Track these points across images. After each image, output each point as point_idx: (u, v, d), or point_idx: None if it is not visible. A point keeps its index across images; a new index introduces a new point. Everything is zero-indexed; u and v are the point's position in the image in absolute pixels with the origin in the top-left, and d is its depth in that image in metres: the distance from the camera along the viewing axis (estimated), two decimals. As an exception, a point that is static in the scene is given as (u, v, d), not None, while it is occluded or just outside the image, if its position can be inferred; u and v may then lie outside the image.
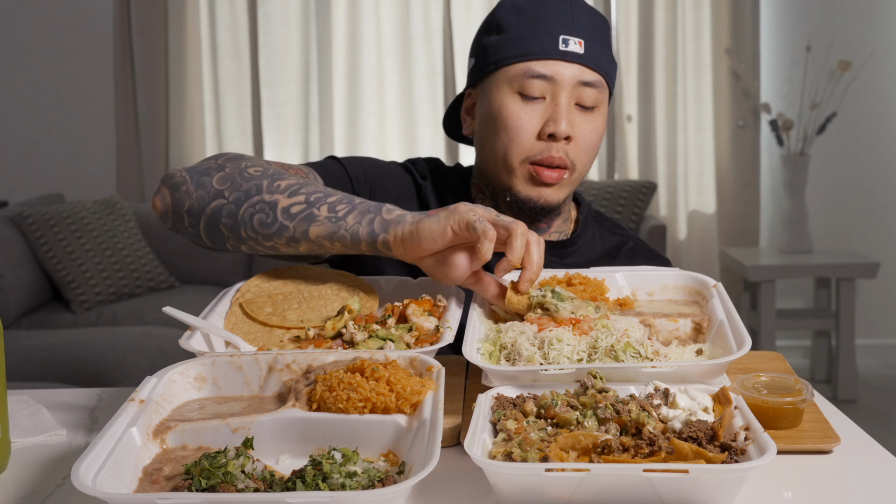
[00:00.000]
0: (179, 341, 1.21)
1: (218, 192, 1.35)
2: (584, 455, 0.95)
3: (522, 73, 1.49)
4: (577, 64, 1.49)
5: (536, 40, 1.49)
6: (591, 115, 1.51)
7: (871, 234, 4.85)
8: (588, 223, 1.66)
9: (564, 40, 1.48)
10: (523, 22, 1.51)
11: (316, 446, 1.03)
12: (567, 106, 1.49)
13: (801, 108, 4.63)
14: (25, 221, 4.18)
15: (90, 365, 3.47)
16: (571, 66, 1.49)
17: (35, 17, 4.86)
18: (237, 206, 1.34)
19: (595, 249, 1.64)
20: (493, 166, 1.55)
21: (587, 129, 1.51)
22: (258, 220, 1.33)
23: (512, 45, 1.50)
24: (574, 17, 1.50)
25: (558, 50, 1.48)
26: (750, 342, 1.13)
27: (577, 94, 1.50)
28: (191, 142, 4.90)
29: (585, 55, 1.49)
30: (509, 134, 1.50)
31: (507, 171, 1.52)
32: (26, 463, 1.14)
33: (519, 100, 1.50)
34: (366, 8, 4.79)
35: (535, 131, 1.49)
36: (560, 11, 1.50)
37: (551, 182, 1.50)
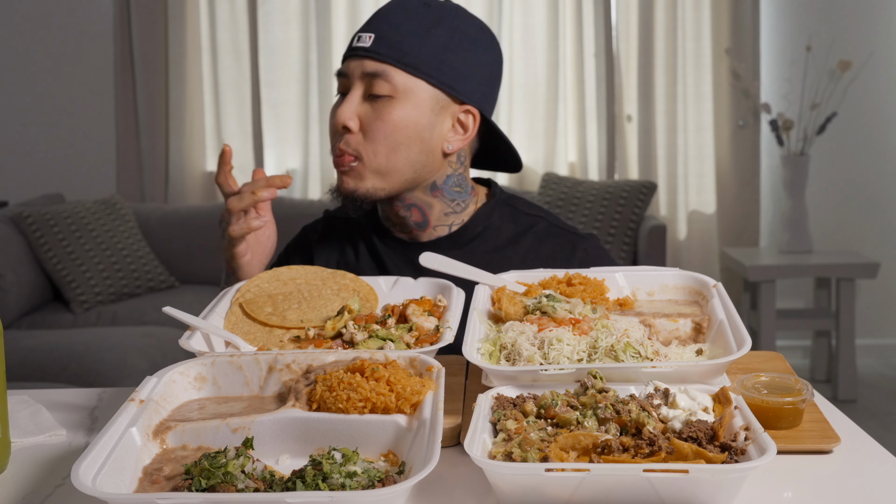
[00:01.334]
0: (179, 341, 1.21)
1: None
2: (584, 455, 0.95)
3: (336, 74, 1.59)
4: (361, 58, 1.54)
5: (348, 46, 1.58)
6: (381, 104, 1.53)
7: (871, 234, 4.85)
8: (496, 208, 1.65)
9: (358, 37, 1.55)
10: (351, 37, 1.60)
11: (316, 446, 1.03)
12: (355, 98, 1.54)
13: (801, 108, 4.63)
14: (25, 221, 4.18)
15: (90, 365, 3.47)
16: (356, 61, 1.54)
17: (35, 17, 4.86)
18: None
19: (503, 234, 1.63)
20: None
21: (375, 118, 1.53)
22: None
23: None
24: (375, 16, 1.57)
25: (351, 47, 1.56)
26: (750, 342, 1.13)
27: (368, 86, 1.54)
28: (191, 142, 4.90)
29: (370, 48, 1.53)
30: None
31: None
32: (26, 463, 1.14)
33: (337, 100, 1.59)
34: (366, 8, 4.79)
35: (334, 124, 1.57)
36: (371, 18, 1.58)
37: (341, 167, 1.56)
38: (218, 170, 1.60)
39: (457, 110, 1.57)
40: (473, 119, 1.58)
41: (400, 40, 1.53)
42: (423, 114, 1.53)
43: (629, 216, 4.39)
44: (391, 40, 1.53)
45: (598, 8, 4.76)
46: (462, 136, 1.58)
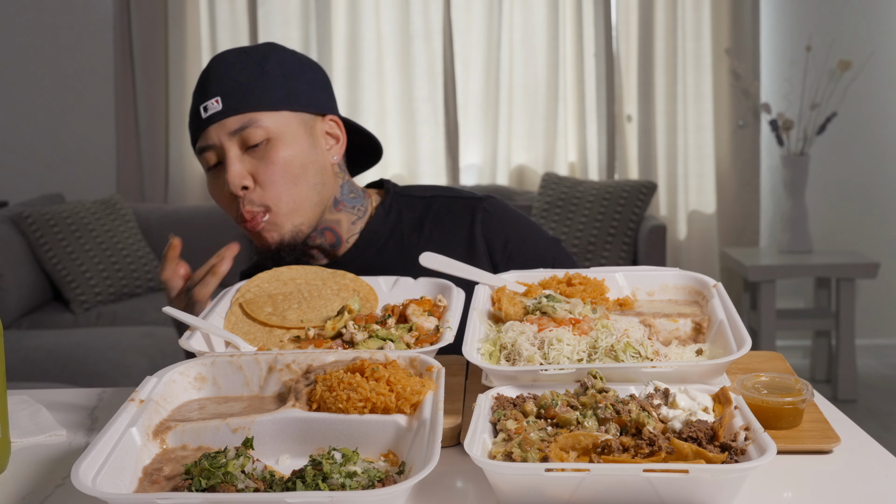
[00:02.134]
0: (179, 341, 1.21)
1: None
2: (584, 455, 0.95)
3: (197, 153, 1.59)
4: (220, 120, 1.54)
5: (191, 123, 1.59)
6: (264, 150, 1.53)
7: (871, 234, 4.85)
8: (395, 201, 1.68)
9: (204, 107, 1.55)
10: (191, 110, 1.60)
11: (316, 446, 1.03)
12: (236, 158, 1.53)
13: (801, 108, 4.63)
14: (25, 221, 4.18)
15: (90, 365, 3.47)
16: (215, 127, 1.54)
17: (35, 17, 4.86)
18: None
19: (407, 224, 1.66)
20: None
21: (263, 166, 1.53)
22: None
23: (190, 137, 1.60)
24: (207, 83, 1.57)
25: (202, 119, 1.55)
26: (750, 342, 1.13)
27: (240, 141, 1.54)
28: (191, 142, 4.90)
29: (224, 109, 1.53)
30: (219, 204, 1.59)
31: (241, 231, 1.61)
32: (26, 463, 1.14)
33: (210, 175, 1.59)
34: (366, 8, 4.79)
35: (226, 195, 1.55)
36: (199, 84, 1.58)
37: (258, 229, 1.55)
38: (164, 264, 1.51)
39: (322, 124, 1.61)
40: (337, 125, 1.63)
41: (245, 89, 1.54)
42: (302, 140, 1.57)
43: (629, 216, 4.39)
44: (238, 93, 1.54)
45: (598, 8, 4.76)
46: (339, 144, 1.63)
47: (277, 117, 1.54)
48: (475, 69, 4.86)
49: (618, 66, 4.80)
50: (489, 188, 4.70)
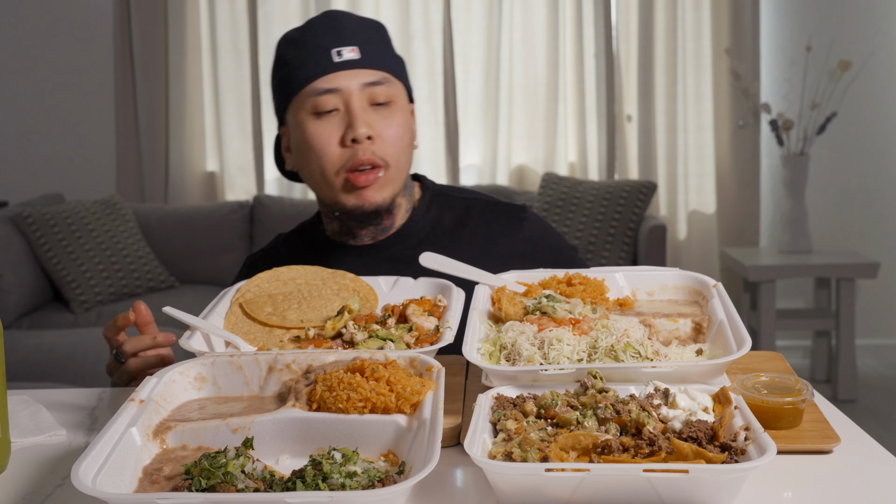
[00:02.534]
0: (179, 341, 1.21)
1: None
2: (584, 455, 0.95)
3: (310, 93, 1.56)
4: (357, 69, 1.56)
5: (312, 61, 1.57)
6: (387, 110, 1.57)
7: (871, 234, 4.85)
8: (434, 199, 1.70)
9: (338, 52, 1.56)
10: (298, 50, 1.59)
11: (316, 446, 1.03)
12: (361, 108, 1.55)
13: (801, 108, 4.63)
14: (25, 221, 4.18)
15: (90, 365, 3.47)
16: (350, 73, 1.56)
17: (35, 17, 4.86)
18: None
19: (446, 220, 1.68)
20: (317, 188, 1.61)
21: (387, 125, 1.56)
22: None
23: (295, 74, 1.58)
24: (341, 30, 1.59)
25: (333, 63, 1.56)
26: (750, 342, 1.13)
27: (368, 95, 1.56)
28: (191, 142, 4.90)
29: (363, 59, 1.57)
30: (316, 152, 1.56)
31: (327, 187, 1.58)
32: (26, 463, 1.14)
33: (316, 119, 1.57)
34: (366, 8, 4.79)
35: (337, 142, 1.55)
36: (327, 28, 1.59)
37: (367, 184, 1.55)
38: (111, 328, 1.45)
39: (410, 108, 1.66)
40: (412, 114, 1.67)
41: (379, 48, 1.60)
42: (408, 115, 1.62)
43: (629, 216, 4.39)
44: (376, 49, 1.59)
45: (598, 8, 4.76)
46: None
47: (398, 85, 1.60)
48: (475, 69, 4.86)
49: (618, 66, 4.80)
50: (489, 188, 4.70)
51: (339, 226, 1.65)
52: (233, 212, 4.68)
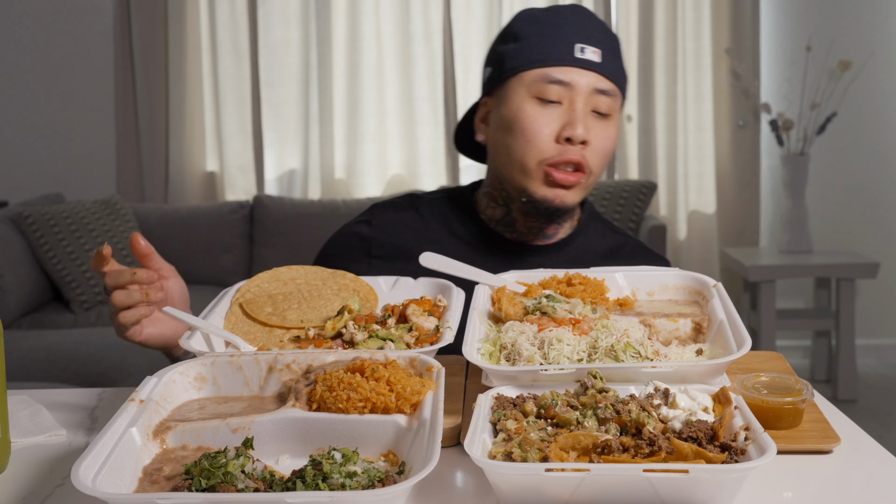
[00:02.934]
0: (179, 341, 1.21)
1: None
2: (584, 455, 0.95)
3: (540, 78, 1.53)
4: (594, 72, 1.53)
5: (553, 47, 1.53)
6: (605, 122, 1.55)
7: (871, 234, 4.85)
8: (590, 222, 1.69)
9: (581, 48, 1.53)
10: (540, 30, 1.55)
11: (316, 446, 1.03)
12: (583, 112, 1.52)
13: (801, 108, 4.63)
14: (25, 221, 4.18)
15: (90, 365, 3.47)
16: (588, 74, 1.53)
17: (35, 17, 4.86)
18: None
19: (598, 247, 1.66)
20: (509, 169, 1.57)
21: (602, 136, 1.54)
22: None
23: (529, 52, 1.54)
24: (589, 28, 1.56)
25: (575, 57, 1.52)
26: (750, 342, 1.13)
27: (594, 101, 1.53)
28: (191, 142, 4.90)
29: (602, 64, 1.54)
30: (526, 136, 1.53)
31: (523, 172, 1.55)
32: (26, 463, 1.14)
33: (536, 104, 1.53)
34: (366, 8, 4.79)
35: (552, 134, 1.52)
36: (575, 21, 1.56)
37: (568, 185, 1.54)
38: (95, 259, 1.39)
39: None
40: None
41: (619, 60, 1.58)
42: (617, 133, 1.60)
43: (629, 216, 4.39)
44: (615, 60, 1.57)
45: (597, 8, 4.76)
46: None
47: (619, 101, 1.58)
48: (475, 69, 4.86)
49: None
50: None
51: (503, 214, 1.64)
52: (233, 212, 4.68)
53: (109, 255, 1.37)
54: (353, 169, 4.92)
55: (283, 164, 4.99)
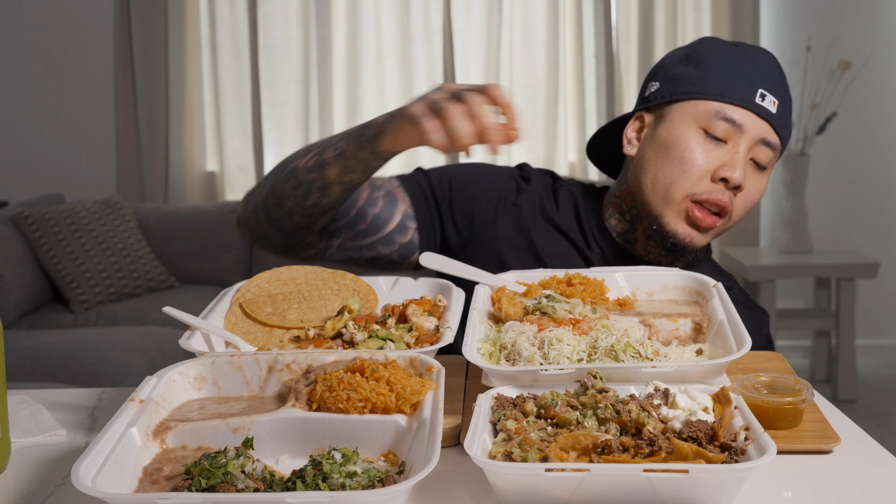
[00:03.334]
0: (179, 341, 1.21)
1: (265, 183, 1.52)
2: (584, 455, 0.95)
3: (714, 112, 1.49)
4: (767, 121, 1.49)
5: (736, 85, 1.49)
6: (760, 174, 1.52)
7: (871, 234, 4.85)
8: (704, 261, 1.64)
9: (762, 94, 1.49)
10: (725, 64, 1.51)
11: (316, 446, 1.03)
12: (745, 156, 1.49)
13: (801, 108, 4.63)
14: (25, 221, 4.18)
15: (90, 365, 3.47)
16: (761, 122, 1.49)
17: (35, 17, 4.86)
18: (277, 184, 1.48)
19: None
20: (650, 192, 1.52)
21: (754, 187, 1.51)
22: (290, 186, 1.45)
23: (710, 82, 1.50)
24: (773, 77, 1.52)
25: (754, 102, 1.49)
26: (750, 342, 1.13)
27: (756, 151, 1.50)
28: (191, 142, 4.90)
29: (776, 115, 1.50)
30: (683, 165, 1.49)
31: (665, 200, 1.50)
32: (26, 463, 1.14)
33: (702, 136, 1.49)
34: (366, 8, 4.79)
35: (709, 171, 1.48)
36: (762, 65, 1.52)
37: (705, 227, 1.50)
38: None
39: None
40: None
41: (788, 117, 1.53)
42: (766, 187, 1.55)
43: (629, 216, 4.39)
44: (786, 116, 1.53)
45: (598, 8, 4.76)
46: None
47: (776, 156, 1.54)
48: (475, 69, 4.86)
49: (618, 66, 4.80)
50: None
51: (625, 230, 1.60)
52: (233, 212, 4.68)
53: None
54: (353, 169, 4.91)
55: (283, 164, 4.99)
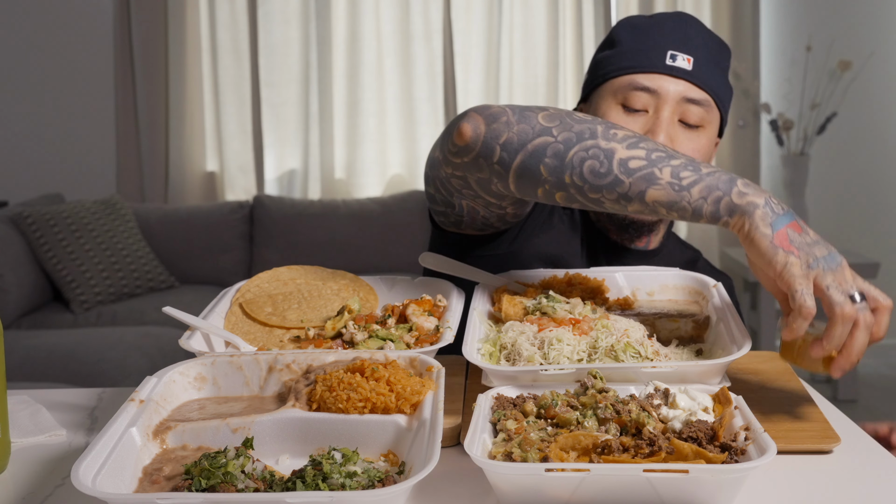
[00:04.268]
0: (179, 341, 1.21)
1: (545, 128, 1.22)
2: (584, 455, 0.95)
3: (627, 84, 1.49)
4: (684, 80, 1.48)
5: (643, 54, 1.49)
6: (693, 133, 1.49)
7: (871, 234, 4.85)
8: (670, 235, 1.66)
9: (672, 55, 1.48)
10: (635, 37, 1.51)
11: (316, 446, 1.03)
12: (668, 120, 1.47)
13: (801, 108, 4.63)
14: (25, 221, 4.18)
15: (90, 365, 3.47)
16: (677, 82, 1.48)
17: (35, 16, 4.86)
18: (566, 147, 1.20)
19: (675, 260, 1.63)
20: None
21: (687, 147, 1.48)
22: (589, 168, 1.19)
23: (620, 59, 1.51)
24: (686, 36, 1.50)
25: (664, 64, 1.48)
26: (750, 342, 1.13)
27: (682, 111, 1.48)
28: (191, 142, 4.90)
29: (693, 72, 1.48)
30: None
31: None
32: (26, 463, 1.14)
33: (621, 111, 1.49)
34: (366, 8, 4.79)
35: None
36: (673, 28, 1.51)
37: None
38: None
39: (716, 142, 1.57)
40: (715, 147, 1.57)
41: (713, 70, 1.50)
42: (711, 147, 1.53)
43: (629, 216, 4.39)
44: (709, 69, 1.50)
45: (598, 8, 4.76)
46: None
47: (715, 114, 1.51)
48: (475, 69, 4.86)
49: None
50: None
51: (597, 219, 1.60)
52: (233, 212, 4.68)
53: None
54: (353, 169, 4.92)
55: (283, 164, 4.99)
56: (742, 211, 1.13)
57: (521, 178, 1.23)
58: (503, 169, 1.23)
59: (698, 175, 1.16)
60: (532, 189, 1.23)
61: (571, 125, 1.21)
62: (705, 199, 1.15)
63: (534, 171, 1.21)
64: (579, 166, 1.18)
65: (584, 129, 1.20)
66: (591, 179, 1.18)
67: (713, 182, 1.15)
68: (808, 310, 1.06)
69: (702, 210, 1.15)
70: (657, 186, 1.16)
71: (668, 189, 1.16)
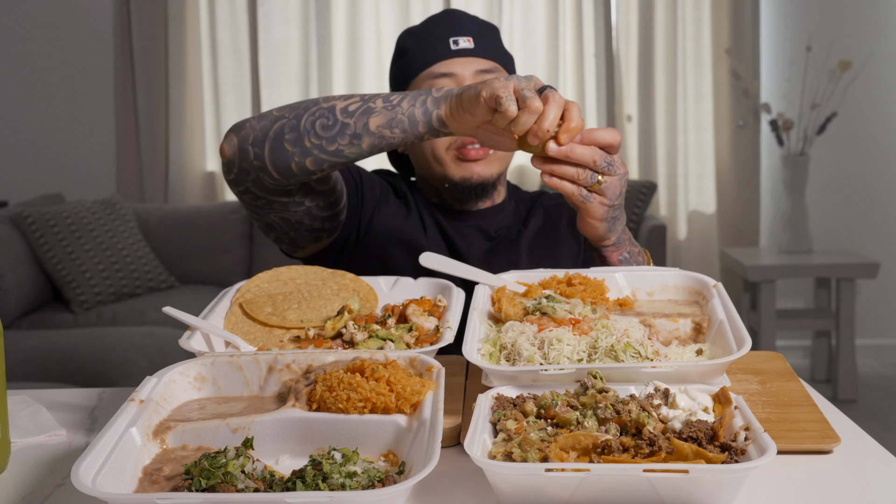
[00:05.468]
0: (179, 341, 1.21)
1: (278, 116, 1.44)
2: (584, 455, 0.95)
3: (427, 77, 1.68)
4: (471, 57, 1.69)
5: (430, 49, 1.69)
6: None
7: (871, 234, 4.85)
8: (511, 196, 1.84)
9: (454, 41, 1.69)
10: (418, 40, 1.72)
11: (316, 446, 1.03)
12: None
13: (801, 108, 4.63)
14: (25, 221, 4.18)
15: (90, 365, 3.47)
16: (467, 60, 1.68)
17: (35, 17, 4.86)
18: (298, 120, 1.42)
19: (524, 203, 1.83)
20: (427, 166, 1.73)
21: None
22: (320, 125, 1.41)
23: (412, 61, 1.71)
24: (460, 23, 1.72)
25: (451, 50, 1.68)
26: (750, 342, 1.13)
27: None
28: (191, 142, 4.90)
29: (476, 49, 1.69)
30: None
31: (438, 163, 1.71)
32: (26, 463, 1.14)
33: None
34: (366, 8, 4.79)
35: None
36: (447, 21, 1.73)
37: (478, 157, 1.68)
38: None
39: None
40: None
41: (491, 41, 1.73)
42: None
43: (629, 216, 4.39)
44: (488, 42, 1.72)
45: (598, 8, 4.76)
46: None
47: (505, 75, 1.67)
48: (475, 69, 4.86)
49: (618, 66, 4.80)
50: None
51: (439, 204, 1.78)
52: (233, 212, 4.68)
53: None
54: (353, 169, 4.92)
55: (283, 164, 4.99)
56: (444, 96, 1.36)
57: (276, 162, 1.43)
58: (260, 162, 1.43)
59: (405, 95, 1.39)
60: (287, 167, 1.43)
61: (298, 105, 1.44)
62: (414, 106, 1.37)
63: (281, 150, 1.42)
64: (312, 128, 1.41)
65: (308, 102, 1.44)
66: (325, 133, 1.40)
67: (417, 94, 1.38)
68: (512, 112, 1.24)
69: (415, 115, 1.37)
70: (375, 114, 1.38)
71: (383, 112, 1.38)
